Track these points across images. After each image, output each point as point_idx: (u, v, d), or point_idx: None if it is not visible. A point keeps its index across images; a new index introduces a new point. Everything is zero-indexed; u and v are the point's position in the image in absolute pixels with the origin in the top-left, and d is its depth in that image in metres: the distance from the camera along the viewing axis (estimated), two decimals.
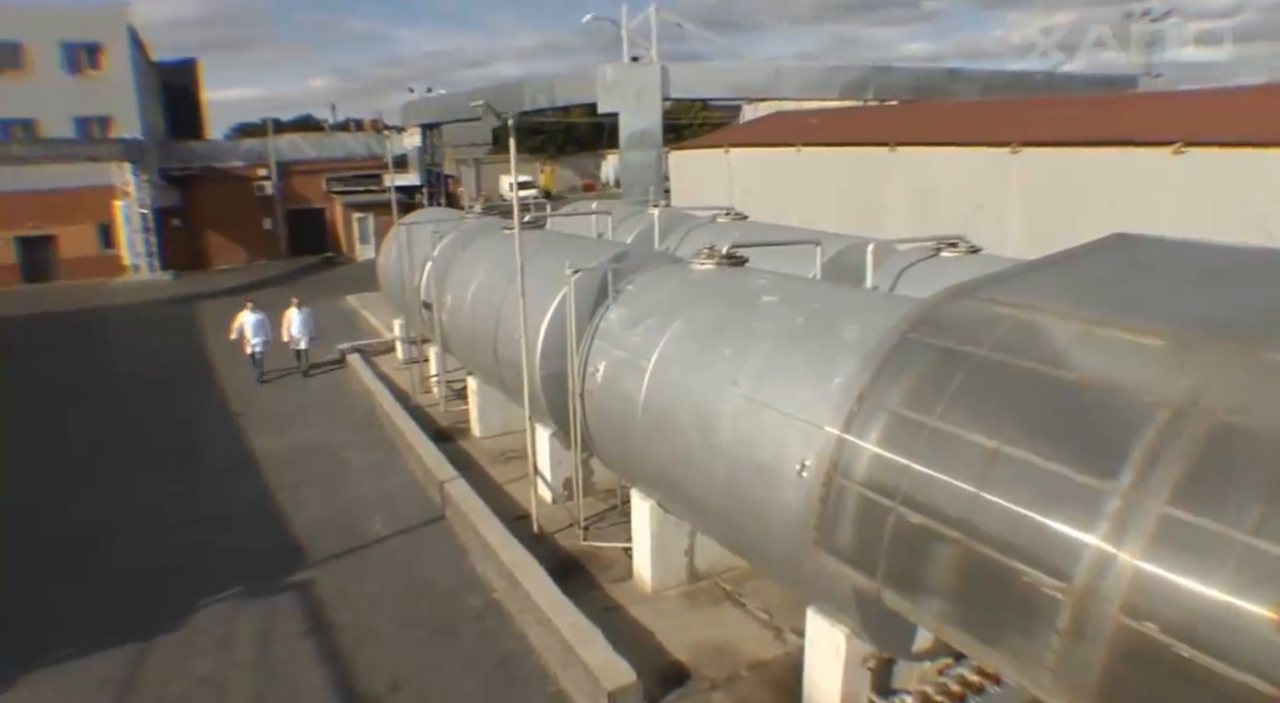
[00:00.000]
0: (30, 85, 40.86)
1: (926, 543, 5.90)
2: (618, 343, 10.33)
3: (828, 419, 6.75)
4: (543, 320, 11.99)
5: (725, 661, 9.19)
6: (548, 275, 12.10)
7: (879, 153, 21.66)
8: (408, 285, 19.13)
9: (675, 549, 10.50)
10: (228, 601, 11.04)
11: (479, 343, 14.69)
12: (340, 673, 9.40)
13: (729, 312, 9.20)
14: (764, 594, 10.28)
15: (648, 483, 10.10)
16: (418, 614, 10.51)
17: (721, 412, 8.17)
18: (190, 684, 9.38)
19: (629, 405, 9.68)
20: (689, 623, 9.91)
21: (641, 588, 10.66)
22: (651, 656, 9.21)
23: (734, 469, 7.91)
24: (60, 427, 19.00)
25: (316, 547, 12.43)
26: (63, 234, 41.21)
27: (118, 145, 39.11)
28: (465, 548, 12.11)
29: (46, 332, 30.24)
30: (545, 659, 9.36)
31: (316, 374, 22.31)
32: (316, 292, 33.26)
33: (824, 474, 6.56)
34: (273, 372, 22.05)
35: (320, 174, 46.39)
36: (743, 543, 8.52)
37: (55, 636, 10.40)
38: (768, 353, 8.09)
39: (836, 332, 7.76)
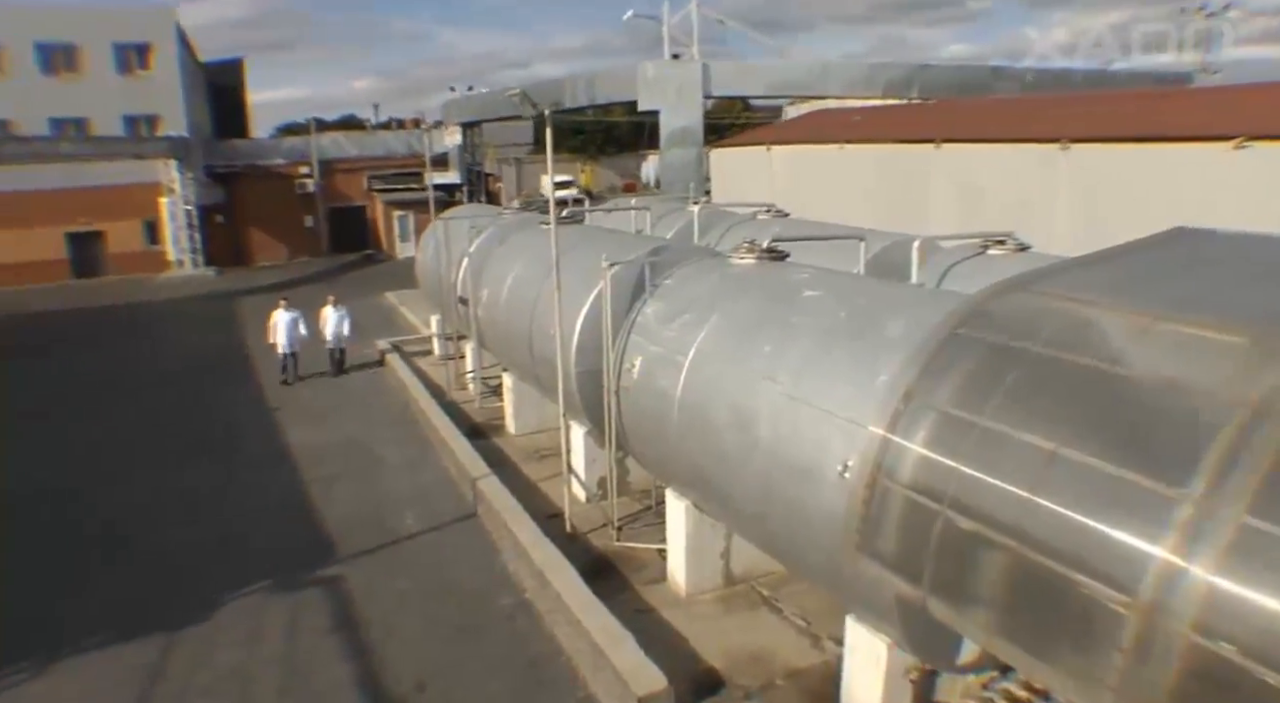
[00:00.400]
0: (83, 86, 41.60)
1: (976, 550, 5.56)
2: (654, 338, 10.08)
3: (872, 418, 6.44)
4: (578, 315, 11.78)
5: (760, 668, 8.88)
6: (584, 270, 11.88)
7: (923, 150, 21.17)
8: (444, 281, 19.02)
9: (711, 551, 10.21)
10: (256, 593, 10.95)
11: (514, 339, 14.51)
12: (366, 670, 9.24)
13: (768, 306, 8.90)
14: (802, 600, 9.97)
15: (683, 482, 9.83)
16: (446, 612, 10.33)
17: (760, 409, 7.88)
18: (216, 676, 9.30)
19: (665, 402, 9.41)
20: (724, 628, 9.62)
21: (675, 591, 10.38)
22: (684, 661, 8.93)
23: (772, 469, 7.61)
24: (100, 418, 19.16)
25: (347, 542, 12.32)
26: (111, 230, 41.85)
27: (164, 143, 39.64)
28: (497, 546, 11.92)
29: (92, 325, 30.71)
30: (575, 662, 9.12)
31: (353, 374, 21.73)
32: (355, 289, 33.50)
33: (867, 476, 6.25)
34: (307, 375, 21.38)
35: (361, 172, 46.64)
36: (780, 546, 8.20)
37: (87, 623, 10.39)
38: (808, 349, 7.78)
39: (881, 327, 7.43)
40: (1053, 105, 23.64)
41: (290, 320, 20.92)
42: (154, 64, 42.89)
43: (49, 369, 24.19)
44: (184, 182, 39.99)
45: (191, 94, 44.89)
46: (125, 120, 41.90)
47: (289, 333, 20.82)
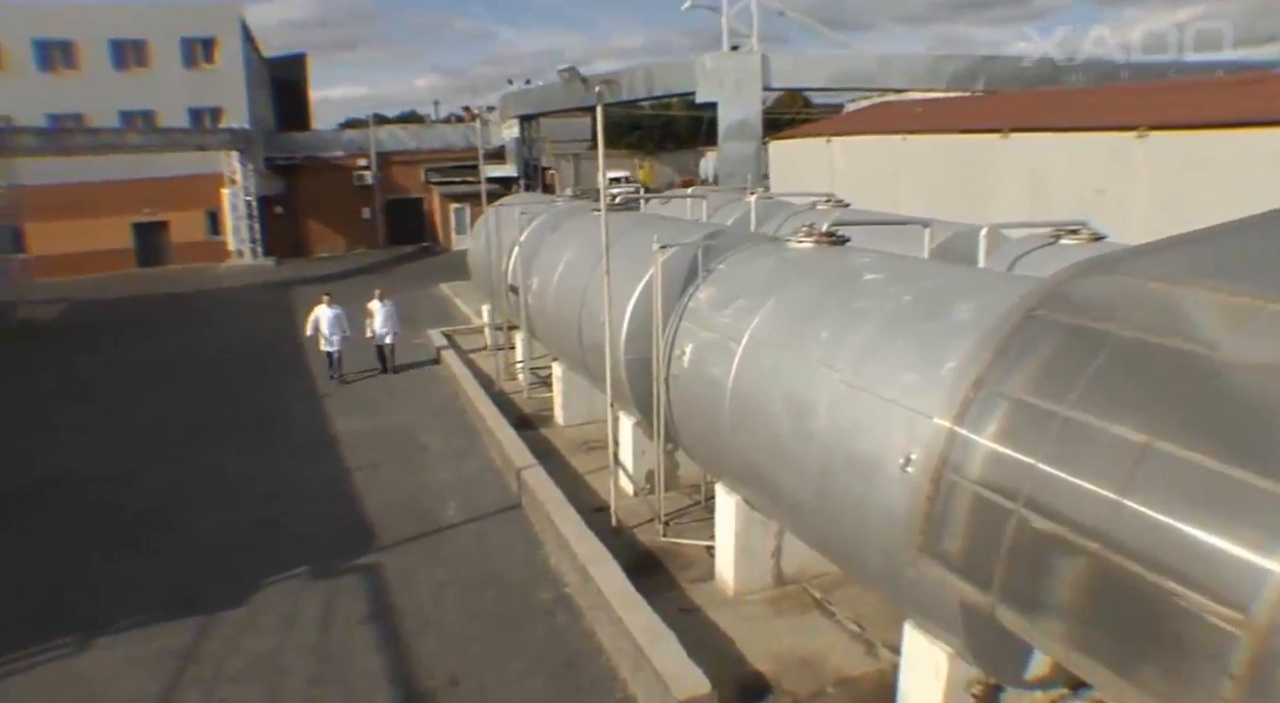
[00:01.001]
0: (151, 79, 42.64)
1: (1054, 554, 5.00)
2: (706, 324, 9.61)
3: (937, 408, 5.89)
4: (629, 302, 11.38)
5: (810, 674, 8.36)
6: (636, 256, 11.48)
7: (990, 140, 20.36)
8: (495, 269, 18.76)
9: (761, 550, 9.70)
10: (293, 579, 10.73)
11: (563, 326, 14.16)
12: (399, 662, 8.92)
13: (828, 290, 8.37)
14: (856, 604, 9.43)
15: (734, 476, 9.34)
16: (484, 605, 9.99)
17: (816, 398, 7.36)
18: (248, 661, 9.08)
19: (716, 391, 8.94)
20: (772, 631, 9.12)
21: (723, 590, 9.91)
22: (730, 664, 8.46)
23: (828, 462, 7.09)
24: (151, 402, 19.30)
25: (387, 529, 12.07)
26: (174, 220, 42.71)
27: (226, 134, 40.24)
28: (539, 539, 11.56)
29: (151, 312, 31.25)
30: (615, 662, 8.70)
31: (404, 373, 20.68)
32: (410, 280, 33.67)
33: (932, 470, 5.71)
34: (353, 374, 20.36)
35: (419, 164, 46.88)
36: (835, 545, 7.67)
37: (126, 603, 10.32)
38: (870, 334, 7.24)
39: (949, 311, 6.87)
40: (1125, 94, 22.61)
41: (333, 317, 19.84)
42: (219, 58, 43.68)
43: (106, 354, 24.61)
44: (245, 173, 40.56)
45: (254, 87, 45.56)
46: (190, 113, 42.75)
47: (331, 329, 19.76)
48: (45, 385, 21.25)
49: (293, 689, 8.58)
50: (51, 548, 11.99)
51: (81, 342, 26.44)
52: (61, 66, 42.10)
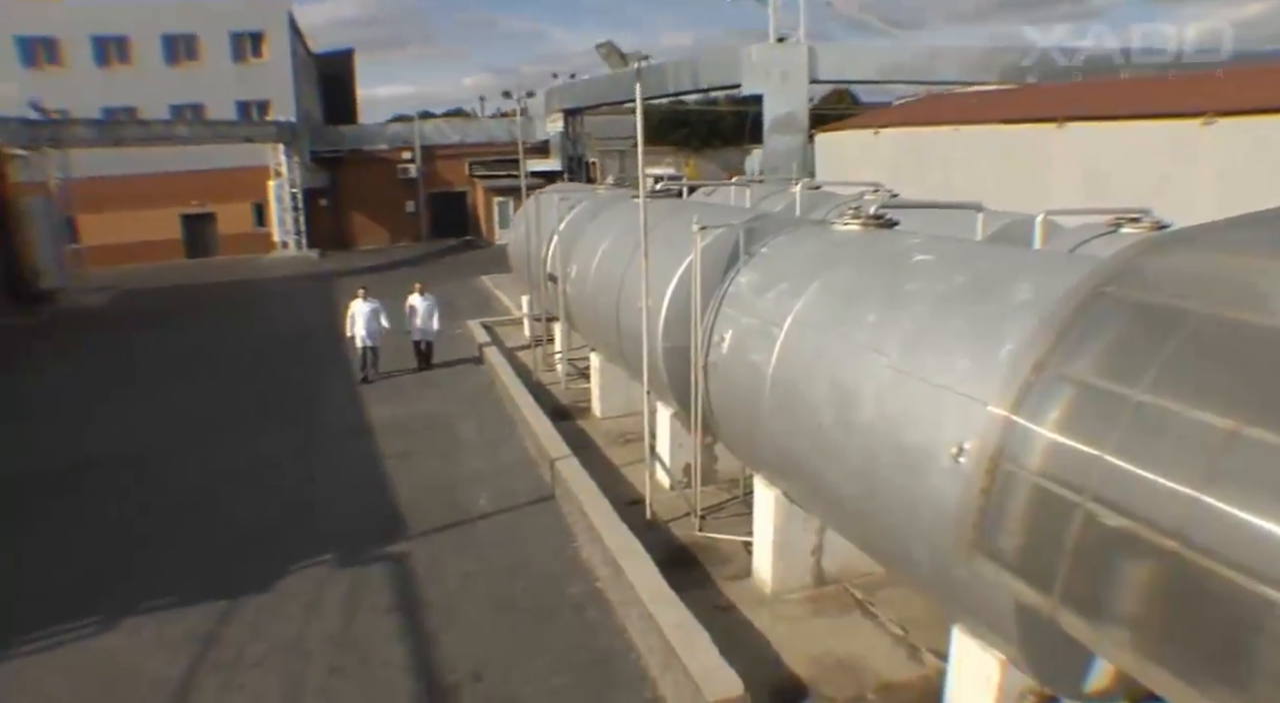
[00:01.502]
0: (200, 73, 43.29)
1: (1124, 553, 4.53)
2: (747, 309, 9.19)
3: (994, 395, 5.44)
4: (667, 287, 10.99)
5: (850, 679, 7.91)
6: (675, 242, 11.12)
7: (1045, 130, 19.67)
8: (534, 258, 18.50)
9: (801, 547, 9.26)
10: (320, 566, 10.52)
11: (601, 314, 13.82)
12: (421, 654, 8.64)
13: (875, 272, 7.92)
14: (900, 606, 8.95)
15: (773, 468, 8.91)
16: (512, 598, 9.67)
17: (862, 385, 6.91)
18: (270, 648, 8.86)
19: (756, 378, 8.52)
20: (811, 632, 8.68)
21: (760, 588, 9.48)
22: (765, 666, 8.04)
23: (874, 452, 6.64)
24: (193, 386, 19.39)
25: (417, 518, 11.83)
26: (221, 212, 43.22)
27: (271, 127, 40.60)
28: (571, 531, 11.23)
29: (196, 301, 31.55)
30: (645, 660, 8.32)
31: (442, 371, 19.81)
32: (452, 272, 33.65)
33: (987, 460, 5.26)
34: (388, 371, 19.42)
35: (463, 158, 46.91)
36: (879, 542, 7.21)
37: (153, 585, 10.24)
38: (920, 317, 6.78)
39: (1005, 293, 6.38)
40: (1187, 82, 21.69)
41: (370, 311, 18.89)
42: (266, 52, 44.17)
43: (150, 341, 24.81)
44: (290, 165, 40.86)
45: (301, 81, 45.95)
46: (238, 106, 43.25)
47: (368, 325, 18.81)
48: (89, 370, 21.43)
49: (312, 678, 8.33)
50: (87, 528, 11.96)
51: (127, 328, 26.73)
52: (116, 61, 42.88)
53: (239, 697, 8.14)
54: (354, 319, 18.91)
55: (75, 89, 39.16)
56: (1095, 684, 5.96)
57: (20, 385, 20.15)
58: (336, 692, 8.11)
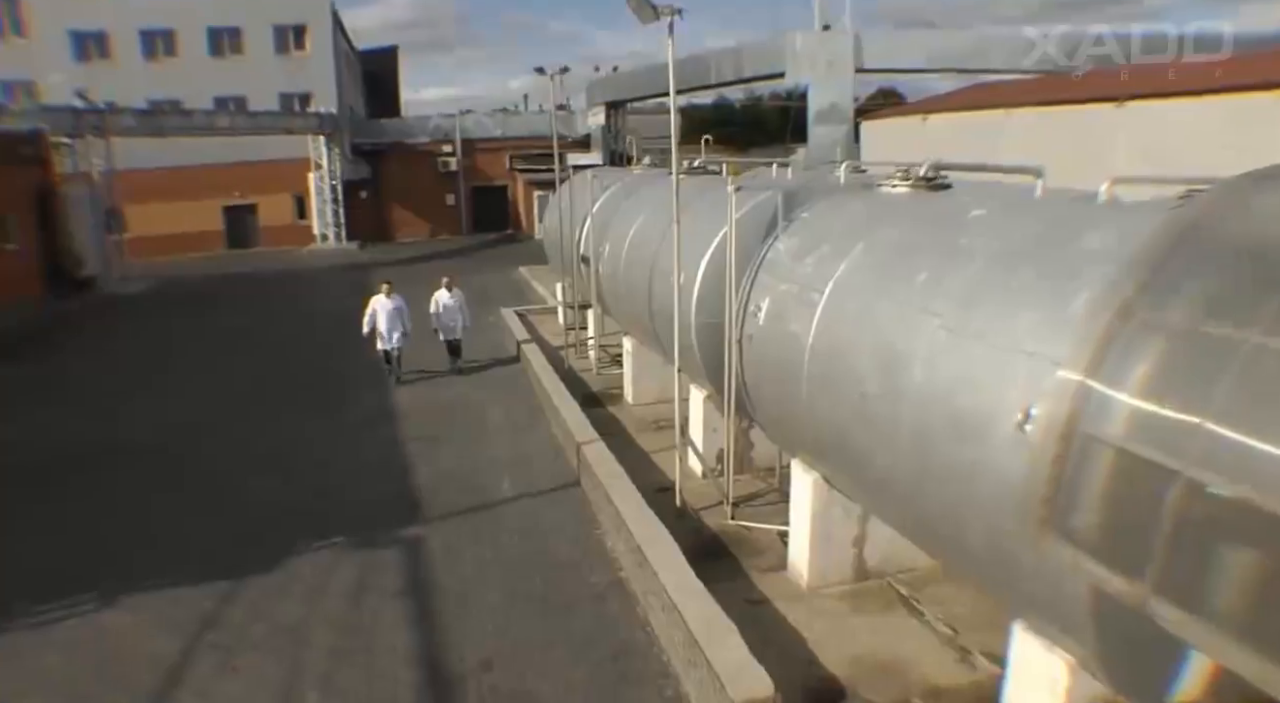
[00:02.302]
0: (244, 65, 43.49)
1: (1236, 530, 3.77)
2: (785, 276, 8.46)
3: (1066, 352, 4.68)
4: (701, 260, 10.31)
5: (892, 682, 7.14)
6: (710, 216, 10.46)
7: (1103, 111, 18.63)
8: (567, 242, 17.89)
9: (841, 537, 8.49)
10: (331, 548, 10.01)
11: (633, 294, 13.15)
12: (429, 641, 8.04)
13: (926, 231, 7.16)
14: (950, 604, 8.15)
15: (813, 448, 8.16)
16: (530, 586, 9.03)
17: (912, 350, 6.15)
18: (271, 629, 8.38)
19: (794, 349, 7.78)
20: (850, 630, 7.91)
21: (796, 582, 8.73)
22: (798, 665, 7.30)
23: (925, 424, 5.89)
24: (224, 370, 19.15)
25: (436, 502, 11.30)
26: (263, 204, 43.31)
27: (313, 119, 40.53)
28: (596, 518, 10.57)
29: (233, 290, 31.54)
30: (668, 655, 7.63)
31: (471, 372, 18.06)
32: (490, 264, 33.29)
33: (1061, 427, 4.50)
34: (413, 373, 17.69)
35: (504, 151, 46.50)
36: (930, 526, 6.43)
37: (159, 563, 9.91)
38: (978, 272, 6.01)
39: (1076, 242, 5.59)
40: (1247, 62, 20.45)
41: (393, 310, 17.01)
42: (309, 45, 44.23)
43: (184, 327, 24.75)
44: (330, 157, 40.77)
45: (343, 75, 45.95)
46: (280, 98, 43.31)
47: (390, 324, 16.97)
48: (125, 355, 21.31)
49: (312, 662, 7.78)
50: (103, 507, 11.65)
51: (165, 316, 26.70)
52: (162, 54, 43.24)
53: (233, 680, 7.62)
54: (374, 316, 17.01)
55: (123, 82, 39.42)
56: (1183, 694, 5.14)
57: (57, 370, 20.04)
58: (335, 677, 7.54)
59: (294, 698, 7.31)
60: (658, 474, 11.62)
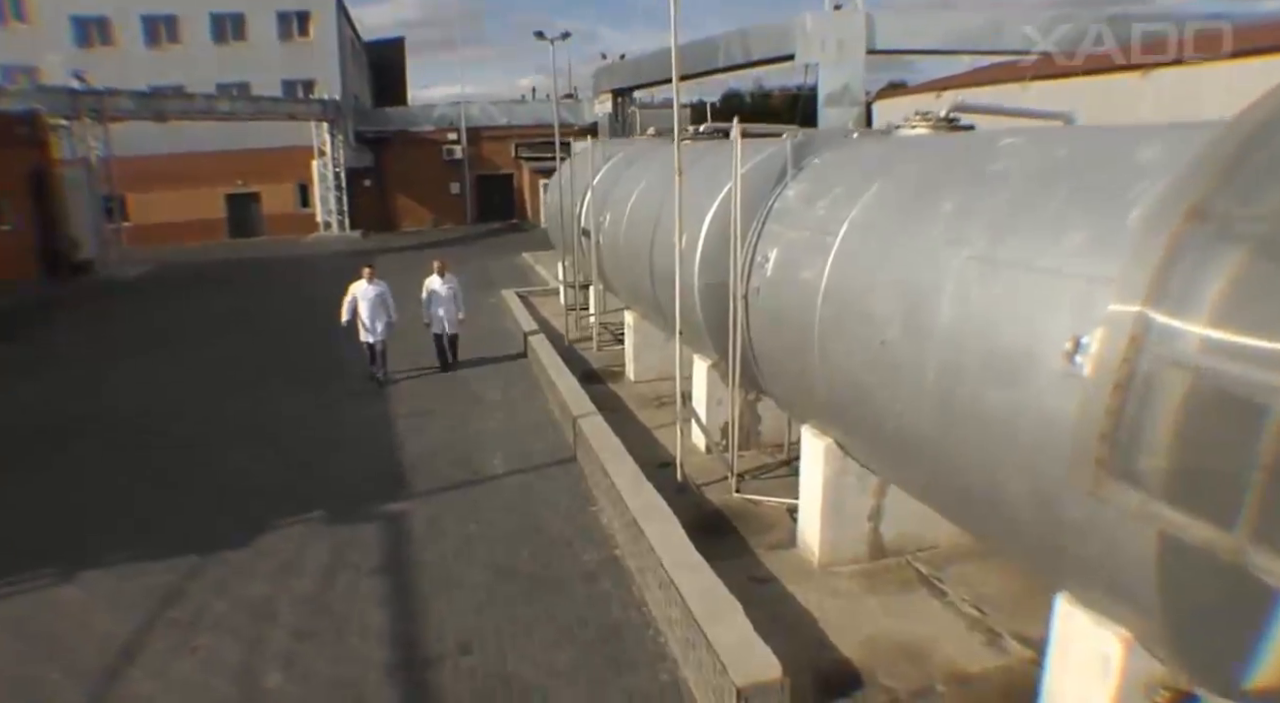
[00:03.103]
0: (247, 52, 42.99)
1: None
2: (795, 222, 7.76)
3: (1122, 272, 3.97)
4: (704, 218, 9.61)
5: (914, 667, 6.42)
6: (713, 175, 9.84)
7: (1127, 80, 17.82)
8: (568, 217, 17.21)
9: (855, 510, 7.77)
10: (305, 523, 9.36)
11: (635, 261, 12.45)
12: (403, 621, 7.35)
13: (951, 162, 6.45)
14: (974, 584, 7.45)
15: (825, 410, 7.44)
16: (517, 563, 8.34)
17: (938, 286, 5.43)
18: (233, 606, 7.73)
19: (805, 298, 7.06)
20: (866, 610, 7.20)
21: (806, 559, 8.02)
22: (809, 648, 6.60)
23: (955, 366, 5.16)
24: (216, 350, 18.51)
25: (422, 477, 10.64)
26: (266, 192, 42.71)
27: (316, 105, 39.94)
28: (591, 494, 9.88)
29: (230, 275, 31.00)
30: (664, 636, 6.93)
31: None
32: (494, 251, 32.72)
33: (1120, 356, 3.79)
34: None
35: (510, 140, 45.79)
36: (959, 487, 5.69)
37: (132, 535, 9.33)
38: (1013, 196, 5.29)
39: (1124, 156, 4.87)
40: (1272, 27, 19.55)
41: (375, 297, 14.85)
42: (313, 31, 43.69)
43: (179, 309, 24.23)
44: (334, 144, 40.16)
45: (348, 63, 45.33)
46: (284, 85, 42.77)
47: (372, 314, 14.78)
48: (116, 334, 20.71)
49: (274, 642, 7.11)
50: (74, 478, 11.14)
51: (160, 299, 26.12)
52: (165, 40, 42.77)
53: (189, 660, 6.94)
54: (354, 304, 14.82)
55: (125, 68, 38.92)
56: (1263, 678, 4.38)
57: (44, 348, 19.45)
58: (299, 658, 6.86)
59: (252, 679, 6.63)
60: (659, 451, 10.92)
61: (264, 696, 6.44)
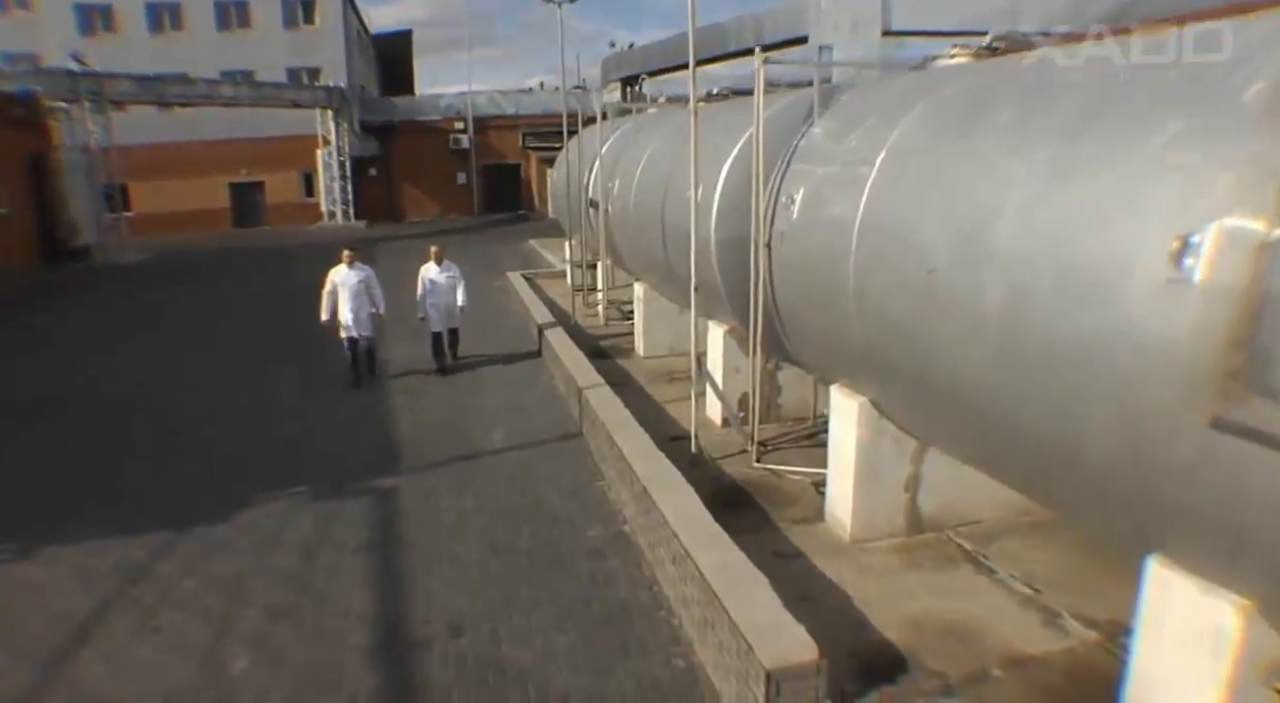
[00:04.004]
0: (252, 40, 42.21)
1: None
2: (823, 159, 7.00)
3: (1244, 156, 3.20)
4: (721, 169, 8.87)
5: (965, 650, 5.65)
6: (731, 128, 9.13)
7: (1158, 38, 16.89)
8: (575, 189, 16.47)
9: (892, 478, 7.00)
10: (290, 498, 8.64)
11: (646, 225, 11.70)
12: (389, 601, 6.61)
13: (1005, 75, 5.67)
14: (1023, 560, 6.69)
15: (859, 365, 6.66)
16: (515, 541, 7.58)
17: (998, 203, 4.65)
18: (203, 584, 7.01)
19: (837, 237, 6.28)
20: (906, 588, 6.43)
21: (836, 533, 7.26)
22: (844, 627, 5.85)
23: (1021, 290, 4.38)
24: (210, 332, 17.83)
25: (416, 452, 9.92)
26: (270, 181, 42.02)
27: (321, 92, 39.26)
28: (597, 469, 9.13)
29: (232, 261, 30.33)
30: (678, 618, 6.17)
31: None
32: (501, 239, 32.01)
33: (1254, 246, 3.03)
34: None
35: (517, 129, 45.00)
36: (1022, 439, 4.86)
37: (101, 512, 8.60)
38: (1085, 97, 4.52)
39: (1220, 41, 4.10)
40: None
41: (357, 284, 12.51)
42: (318, 19, 42.97)
43: (181, 294, 23.56)
44: (338, 132, 39.47)
45: (353, 51, 44.63)
46: (288, 73, 42.08)
47: (355, 304, 12.46)
48: (108, 317, 20.01)
49: (245, 622, 6.38)
50: (45, 452, 10.50)
51: (158, 284, 25.44)
52: (168, 28, 42.11)
53: (149, 641, 6.21)
54: (334, 294, 12.62)
55: (128, 56, 38.23)
56: None
57: (35, 329, 18.74)
58: (270, 641, 6.13)
59: (216, 663, 5.90)
60: (671, 425, 10.16)
61: (228, 681, 5.71)
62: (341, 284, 12.54)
